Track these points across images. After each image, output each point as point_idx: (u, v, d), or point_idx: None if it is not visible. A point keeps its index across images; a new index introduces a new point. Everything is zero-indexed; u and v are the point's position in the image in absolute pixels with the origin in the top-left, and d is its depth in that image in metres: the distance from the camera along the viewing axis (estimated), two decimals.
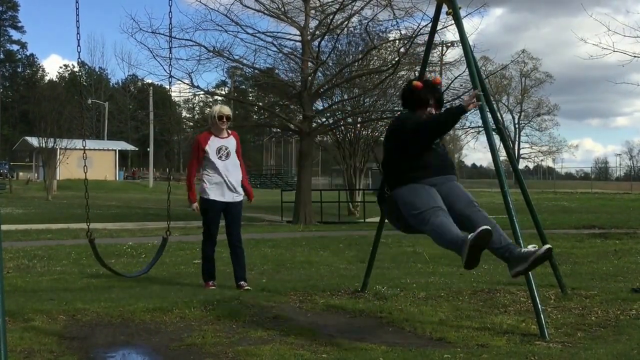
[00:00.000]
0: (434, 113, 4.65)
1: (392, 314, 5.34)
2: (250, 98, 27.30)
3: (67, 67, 79.36)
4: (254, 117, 25.26)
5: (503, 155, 6.66)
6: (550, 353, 4.08)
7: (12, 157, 59.92)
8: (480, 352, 4.14)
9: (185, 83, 19.09)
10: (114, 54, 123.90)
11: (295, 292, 6.25)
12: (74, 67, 75.58)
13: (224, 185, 6.72)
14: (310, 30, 19.18)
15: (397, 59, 17.54)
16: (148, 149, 56.10)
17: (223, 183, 6.71)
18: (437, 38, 13.91)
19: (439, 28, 10.65)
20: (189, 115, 62.01)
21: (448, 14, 5.31)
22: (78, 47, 5.77)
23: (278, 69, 21.96)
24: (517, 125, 73.87)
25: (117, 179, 55.23)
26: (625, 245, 11.09)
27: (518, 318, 5.13)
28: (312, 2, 19.20)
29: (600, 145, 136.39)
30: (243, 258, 6.82)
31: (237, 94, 29.90)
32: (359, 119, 23.90)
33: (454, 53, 31.36)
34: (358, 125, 25.04)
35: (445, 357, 4.02)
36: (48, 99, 40.88)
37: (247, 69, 22.09)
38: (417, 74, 12.51)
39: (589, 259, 9.23)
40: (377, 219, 8.44)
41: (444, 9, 5.35)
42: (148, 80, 64.72)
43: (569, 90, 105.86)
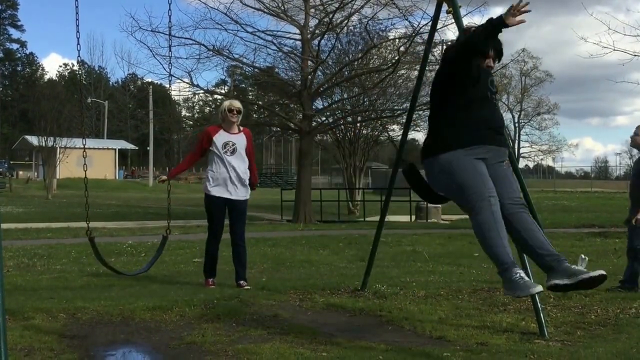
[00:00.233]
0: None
1: (391, 313, 5.34)
2: (250, 97, 27.24)
3: (66, 65, 79.29)
4: (254, 116, 25.20)
5: None
6: (550, 351, 4.08)
7: (11, 155, 59.90)
8: (480, 350, 4.15)
9: (185, 82, 19.09)
10: (114, 53, 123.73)
11: (295, 290, 6.26)
12: (74, 65, 75.32)
13: (227, 182, 6.55)
14: (310, 29, 19.16)
15: (397, 58, 17.53)
16: (148, 148, 56.04)
17: (227, 179, 6.55)
18: (437, 37, 13.88)
19: (439, 27, 10.64)
20: (189, 114, 62.00)
21: (448, 13, 5.30)
22: (78, 45, 5.79)
23: (278, 68, 21.95)
24: (517, 124, 73.73)
25: (116, 178, 55.16)
26: (625, 244, 11.05)
27: (517, 316, 5.15)
28: (312, 0, 19.19)
29: (600, 145, 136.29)
30: (245, 257, 6.73)
31: (236, 93, 29.84)
32: (359, 118, 23.92)
33: None
34: (358, 124, 25.06)
35: (445, 355, 4.02)
36: (48, 98, 40.79)
37: (246, 68, 22.04)
38: (417, 73, 12.51)
39: (589, 258, 9.22)
40: (376, 218, 8.44)
41: (444, 8, 5.34)
42: (148, 79, 64.49)
43: (569, 89, 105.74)
